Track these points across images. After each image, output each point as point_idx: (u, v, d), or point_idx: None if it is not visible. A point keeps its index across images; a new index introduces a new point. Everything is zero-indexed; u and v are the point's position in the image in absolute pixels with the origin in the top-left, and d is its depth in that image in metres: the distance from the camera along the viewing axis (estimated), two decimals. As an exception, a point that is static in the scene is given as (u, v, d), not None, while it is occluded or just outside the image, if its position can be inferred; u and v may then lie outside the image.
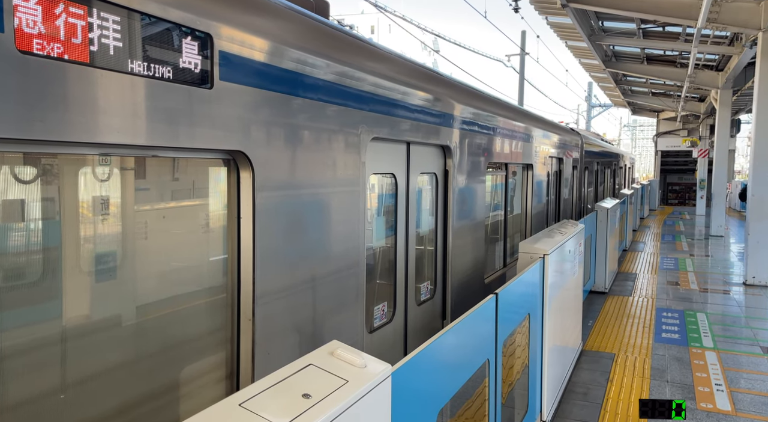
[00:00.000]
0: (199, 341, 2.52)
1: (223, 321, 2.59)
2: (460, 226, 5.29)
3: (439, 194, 4.99)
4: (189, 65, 2.20)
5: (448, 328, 2.61)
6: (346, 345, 1.99)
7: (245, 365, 2.61)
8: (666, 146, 33.19)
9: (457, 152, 5.07)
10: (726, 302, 9.33)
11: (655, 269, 12.28)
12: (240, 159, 2.56)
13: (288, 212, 2.82)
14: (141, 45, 1.99)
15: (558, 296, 5.07)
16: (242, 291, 2.59)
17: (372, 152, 3.81)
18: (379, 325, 4.12)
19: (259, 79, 2.57)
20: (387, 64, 3.84)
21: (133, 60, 1.97)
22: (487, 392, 3.20)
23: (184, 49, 2.17)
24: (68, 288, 2.02)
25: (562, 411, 5.12)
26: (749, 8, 10.90)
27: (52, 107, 1.71)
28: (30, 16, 1.62)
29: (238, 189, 2.59)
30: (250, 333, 2.59)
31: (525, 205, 8.14)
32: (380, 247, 4.14)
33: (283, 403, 1.57)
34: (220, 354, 2.61)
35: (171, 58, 2.11)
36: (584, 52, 18.32)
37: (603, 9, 12.31)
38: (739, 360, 6.45)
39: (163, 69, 2.09)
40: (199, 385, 2.52)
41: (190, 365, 2.48)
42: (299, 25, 2.90)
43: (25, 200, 1.87)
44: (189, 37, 2.18)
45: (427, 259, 4.92)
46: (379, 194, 4.08)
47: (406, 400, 2.14)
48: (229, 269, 2.61)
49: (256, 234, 2.60)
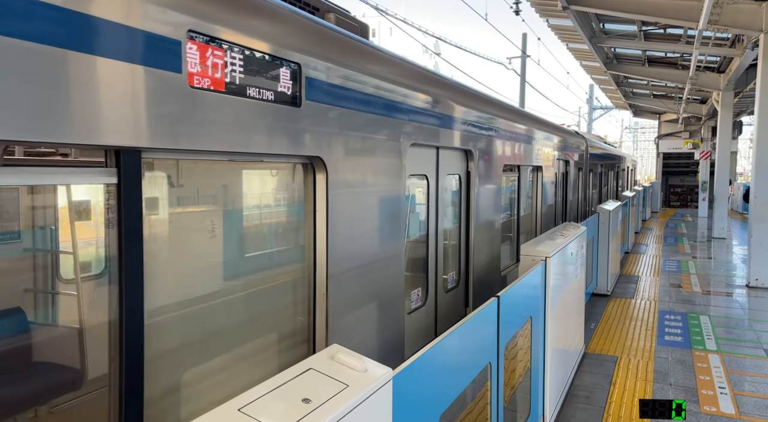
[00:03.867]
0: (286, 310, 3.13)
1: (303, 294, 3.18)
2: (480, 223, 5.82)
3: (462, 193, 5.55)
4: (284, 89, 2.78)
5: (449, 331, 2.59)
6: (346, 349, 1.98)
7: (320, 331, 3.18)
8: (668, 148, 33.15)
9: (477, 155, 5.60)
10: (729, 304, 9.29)
11: (657, 271, 12.25)
12: (317, 163, 3.15)
13: (352, 206, 3.41)
14: (254, 75, 2.56)
15: (560, 299, 5.05)
16: (318, 271, 3.18)
17: (410, 156, 4.37)
18: (415, 308, 4.64)
19: (333, 98, 3.17)
20: (423, 80, 4.43)
21: (249, 87, 2.53)
22: (489, 395, 3.19)
23: (281, 76, 2.75)
24: (227, 262, 2.78)
25: (564, 415, 5.09)
26: (750, 10, 10.89)
27: (204, 125, 2.28)
28: (193, 60, 2.20)
29: (314, 187, 3.17)
30: (325, 305, 3.17)
31: (535, 204, 8.67)
32: (415, 239, 4.67)
33: (282, 408, 1.55)
34: (302, 320, 3.20)
35: (273, 84, 2.68)
36: (585, 55, 18.32)
37: (604, 11, 12.31)
38: (742, 363, 6.42)
39: (268, 93, 2.65)
40: (287, 345, 3.12)
41: (281, 328, 3.09)
42: (359, 52, 3.51)
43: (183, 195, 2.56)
44: (284, 67, 2.78)
45: (453, 252, 5.45)
46: (414, 192, 4.63)
47: (407, 404, 2.13)
48: (307, 252, 3.19)
49: (329, 225, 3.19)
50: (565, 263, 5.25)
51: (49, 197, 2.13)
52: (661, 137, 33.56)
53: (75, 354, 2.19)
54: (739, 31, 11.53)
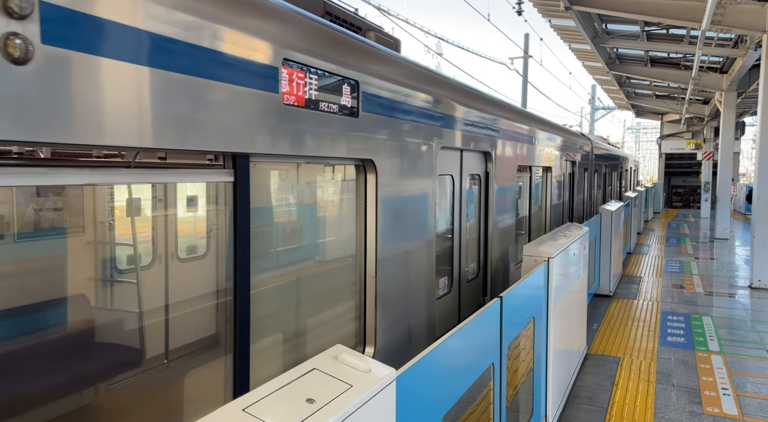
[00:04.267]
0: (345, 289, 3.68)
1: (356, 277, 3.73)
2: (497, 219, 6.32)
3: (481, 191, 6.06)
4: (346, 103, 3.25)
5: (452, 332, 2.59)
6: (350, 350, 1.98)
7: (370, 308, 3.70)
8: (670, 149, 33.08)
9: (495, 156, 6.09)
10: (732, 305, 9.28)
11: (659, 272, 12.23)
12: (369, 165, 3.63)
13: (396, 202, 3.93)
14: (324, 92, 3.03)
15: (562, 299, 5.05)
16: (368, 257, 3.69)
17: (440, 158, 4.81)
18: (442, 294, 5.13)
19: (382, 108, 3.67)
20: (450, 89, 4.92)
21: (321, 102, 2.99)
22: (492, 396, 3.18)
23: (344, 92, 3.23)
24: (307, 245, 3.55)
25: (567, 416, 5.09)
26: (753, 10, 10.87)
27: (290, 134, 2.79)
28: (285, 82, 2.68)
29: (365, 185, 3.66)
30: (374, 286, 3.69)
31: (544, 203, 9.20)
32: (442, 233, 5.13)
33: (286, 408, 1.56)
34: (356, 299, 3.71)
35: (338, 99, 3.16)
36: (588, 55, 18.30)
37: (607, 11, 12.29)
38: (745, 364, 6.41)
39: (334, 106, 3.11)
40: (347, 319, 3.69)
41: (342, 301, 3.67)
42: (400, 67, 4.02)
43: None
44: (346, 84, 3.24)
45: (473, 245, 5.96)
46: (441, 191, 5.11)
47: (410, 405, 2.13)
48: (359, 241, 3.71)
49: (377, 218, 3.67)
50: (567, 264, 5.25)
51: (187, 190, 2.86)
52: (663, 138, 33.50)
53: (208, 311, 2.89)
54: (742, 32, 11.51)
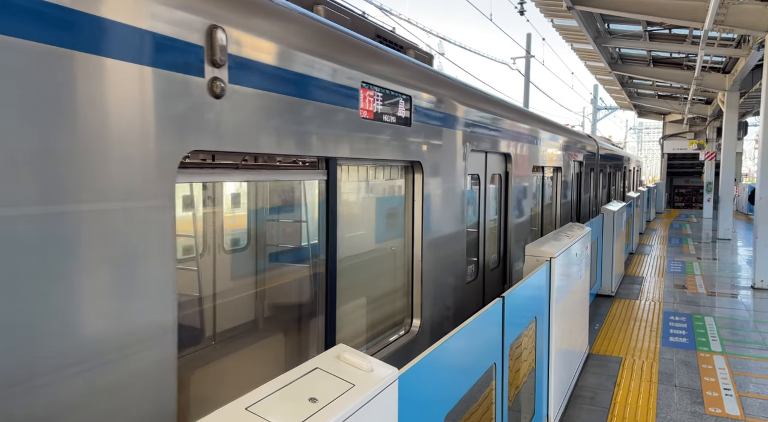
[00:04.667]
0: (398, 270, 4.38)
1: (406, 261, 4.40)
2: (515, 214, 7.00)
3: (501, 189, 6.75)
4: (402, 114, 3.94)
5: (455, 331, 2.59)
6: (352, 349, 1.98)
7: (416, 287, 4.38)
8: (672, 149, 33.01)
9: (514, 158, 6.78)
10: (734, 305, 9.26)
11: (662, 272, 12.22)
12: (416, 165, 4.31)
13: (437, 197, 4.59)
14: (387, 106, 3.71)
15: (564, 299, 5.04)
16: (414, 244, 4.37)
17: (469, 160, 5.48)
18: (471, 280, 5.76)
19: (428, 118, 4.36)
20: (478, 99, 5.60)
21: (383, 114, 3.67)
22: (494, 395, 3.18)
23: (400, 106, 3.92)
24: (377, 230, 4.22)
25: (568, 416, 5.08)
26: (756, 10, 10.85)
27: (365, 142, 3.45)
28: (362, 100, 3.38)
29: (413, 183, 4.36)
30: (420, 269, 4.38)
31: (555, 200, 9.97)
32: (470, 226, 5.80)
33: (289, 407, 1.56)
34: (405, 279, 4.42)
35: (396, 111, 3.85)
36: (590, 55, 18.28)
37: (609, 11, 12.27)
38: (747, 365, 6.40)
39: (393, 117, 3.79)
40: (400, 294, 4.39)
41: (397, 277, 4.37)
42: (440, 82, 4.70)
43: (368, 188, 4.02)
44: (403, 98, 3.94)
45: (495, 238, 6.66)
46: (470, 188, 5.80)
47: (413, 404, 2.13)
48: (408, 229, 4.39)
49: (423, 211, 4.37)
50: (569, 264, 5.24)
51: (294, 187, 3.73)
52: (665, 138, 33.43)
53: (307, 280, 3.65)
54: (744, 32, 11.48)
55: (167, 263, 2.02)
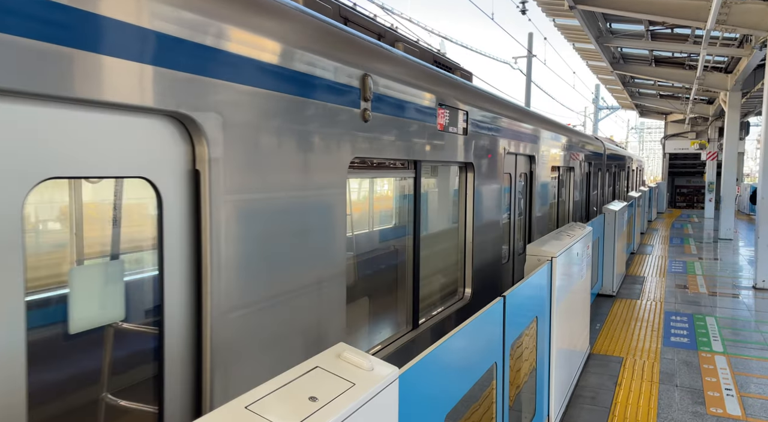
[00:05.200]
0: (456, 249, 5.48)
1: (460, 245, 5.49)
2: (537, 207, 8.23)
3: (527, 186, 7.93)
4: (461, 125, 5.02)
5: (456, 331, 2.59)
6: (353, 348, 1.98)
7: (468, 264, 5.50)
8: (674, 149, 32.96)
9: (537, 159, 7.96)
10: (735, 305, 9.24)
11: (663, 272, 12.20)
12: (469, 166, 5.39)
13: (484, 192, 5.72)
14: (453, 119, 4.80)
15: (566, 299, 5.03)
16: (467, 228, 5.49)
17: (505, 161, 6.55)
18: (504, 262, 6.88)
19: (478, 128, 5.46)
20: (512, 110, 6.69)
21: (450, 126, 4.74)
22: (495, 395, 3.18)
23: (459, 119, 4.96)
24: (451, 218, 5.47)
25: (569, 416, 5.08)
26: (759, 10, 10.82)
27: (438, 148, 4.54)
28: (436, 115, 4.43)
29: (466, 181, 5.44)
30: (471, 249, 5.49)
31: (569, 196, 11.20)
32: (504, 216, 6.83)
33: (289, 406, 1.55)
34: (459, 262, 5.50)
35: (457, 123, 4.92)
36: (592, 55, 18.24)
37: (611, 11, 12.25)
38: (749, 365, 6.39)
39: (456, 128, 4.88)
40: (457, 268, 5.48)
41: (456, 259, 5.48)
42: (484, 97, 5.75)
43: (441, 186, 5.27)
44: (462, 112, 5.03)
45: (521, 227, 7.81)
46: (505, 185, 6.86)
47: (413, 403, 2.12)
48: (462, 218, 5.48)
49: (474, 203, 5.47)
50: (570, 264, 5.23)
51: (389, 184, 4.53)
52: (667, 138, 33.38)
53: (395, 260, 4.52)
54: (747, 31, 11.45)
55: (344, 227, 3.27)
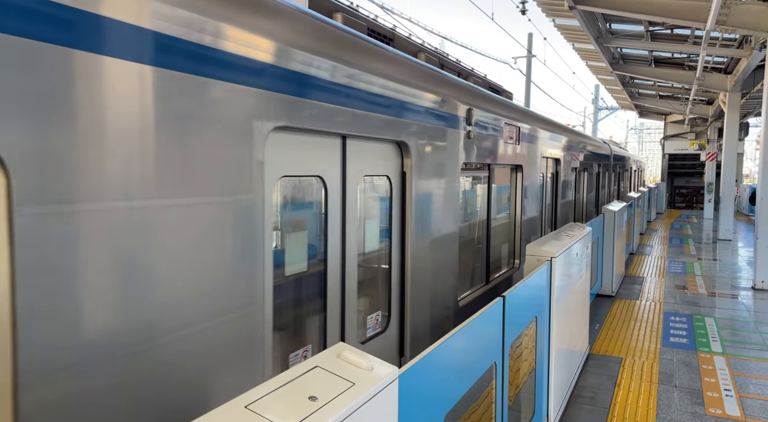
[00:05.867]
0: (511, 229, 7.24)
1: (511, 234, 7.03)
2: (561, 202, 10.19)
3: (554, 183, 9.74)
4: (515, 136, 6.61)
5: (455, 331, 2.59)
6: (352, 348, 1.98)
7: (518, 244, 7.08)
8: (673, 149, 32.97)
9: (562, 161, 9.85)
10: (734, 306, 9.25)
11: (662, 272, 12.21)
12: (519, 168, 7.00)
13: (528, 188, 7.30)
14: (511, 132, 6.45)
15: (565, 299, 5.04)
16: (517, 214, 7.11)
17: (541, 163, 8.23)
18: None
19: (524, 138, 6.82)
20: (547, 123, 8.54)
21: (510, 137, 6.39)
22: (494, 395, 3.18)
23: (515, 132, 6.51)
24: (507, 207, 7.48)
25: (569, 416, 5.08)
26: (758, 11, 10.83)
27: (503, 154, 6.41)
28: (503, 130, 6.40)
29: (516, 179, 6.96)
30: (520, 230, 7.19)
31: (583, 193, 13.12)
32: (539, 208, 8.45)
33: (289, 405, 1.55)
34: (511, 239, 7.05)
35: (513, 135, 6.53)
36: (591, 55, 18.25)
37: (611, 11, 12.25)
38: (748, 365, 6.39)
39: (512, 139, 6.57)
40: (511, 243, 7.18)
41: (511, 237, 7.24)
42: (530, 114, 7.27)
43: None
44: (516, 128, 6.72)
45: (549, 217, 9.64)
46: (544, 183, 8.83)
47: (413, 403, 2.12)
48: (512, 208, 7.03)
49: (523, 199, 7.13)
50: (570, 264, 5.23)
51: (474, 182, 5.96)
52: (666, 138, 33.39)
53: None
54: (746, 32, 11.46)
55: (459, 209, 4.87)
